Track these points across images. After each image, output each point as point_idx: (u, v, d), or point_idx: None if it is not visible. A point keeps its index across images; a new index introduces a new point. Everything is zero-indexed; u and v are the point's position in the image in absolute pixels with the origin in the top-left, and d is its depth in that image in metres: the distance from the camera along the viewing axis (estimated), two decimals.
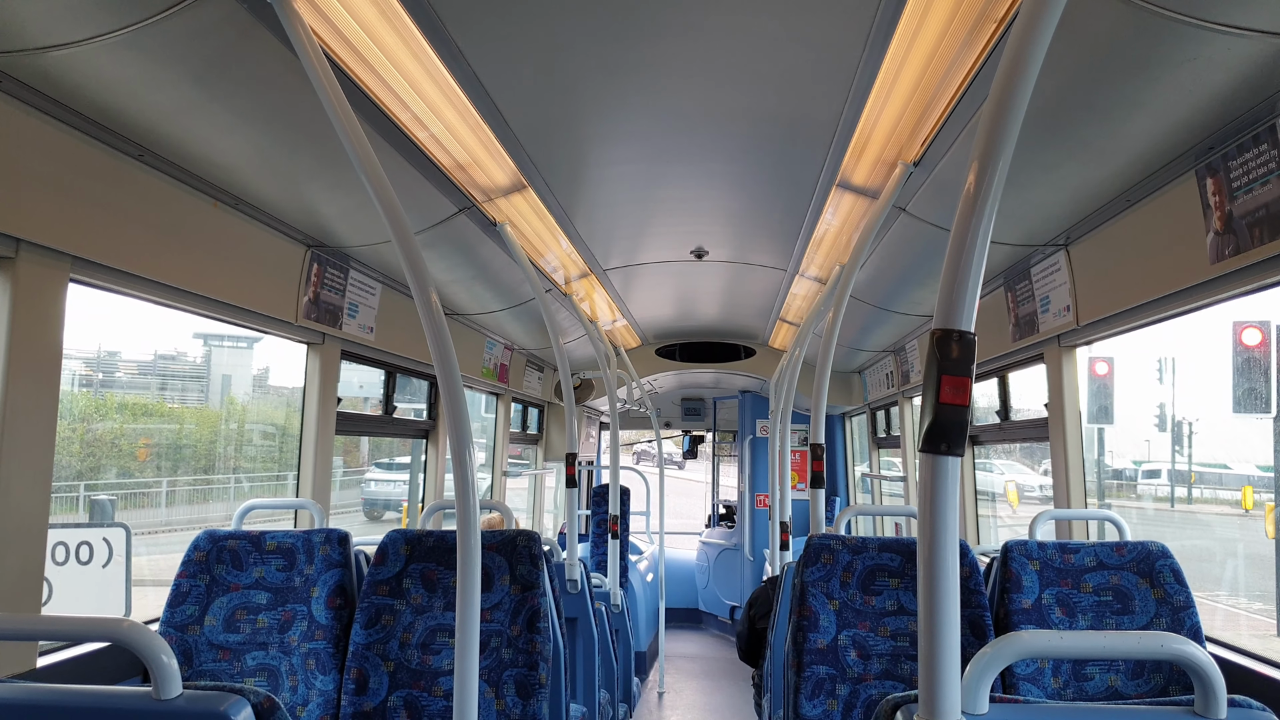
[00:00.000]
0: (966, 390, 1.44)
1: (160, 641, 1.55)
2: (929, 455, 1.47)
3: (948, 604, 1.46)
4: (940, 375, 1.44)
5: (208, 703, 1.52)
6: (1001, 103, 1.45)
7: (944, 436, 1.45)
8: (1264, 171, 2.38)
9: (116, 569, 3.22)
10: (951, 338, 1.45)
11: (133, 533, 3.29)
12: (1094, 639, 1.49)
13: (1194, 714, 1.44)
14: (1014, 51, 1.45)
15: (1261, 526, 13.38)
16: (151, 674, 1.53)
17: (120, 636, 1.56)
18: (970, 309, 1.46)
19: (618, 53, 2.63)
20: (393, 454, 13.87)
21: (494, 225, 4.08)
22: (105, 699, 1.54)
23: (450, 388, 2.23)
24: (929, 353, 1.46)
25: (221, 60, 2.31)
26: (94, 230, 2.60)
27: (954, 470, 1.47)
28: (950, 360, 1.44)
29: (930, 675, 1.44)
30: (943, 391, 1.44)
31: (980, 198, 1.46)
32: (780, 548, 5.60)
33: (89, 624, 1.68)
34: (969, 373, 1.44)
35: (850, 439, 10.03)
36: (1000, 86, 1.46)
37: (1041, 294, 3.97)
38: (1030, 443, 5.00)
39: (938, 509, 1.46)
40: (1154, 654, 1.44)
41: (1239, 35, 2.00)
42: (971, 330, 1.45)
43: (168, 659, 1.53)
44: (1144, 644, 1.45)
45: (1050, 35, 1.44)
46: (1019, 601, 3.12)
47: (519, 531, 3.27)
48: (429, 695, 3.09)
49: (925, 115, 2.93)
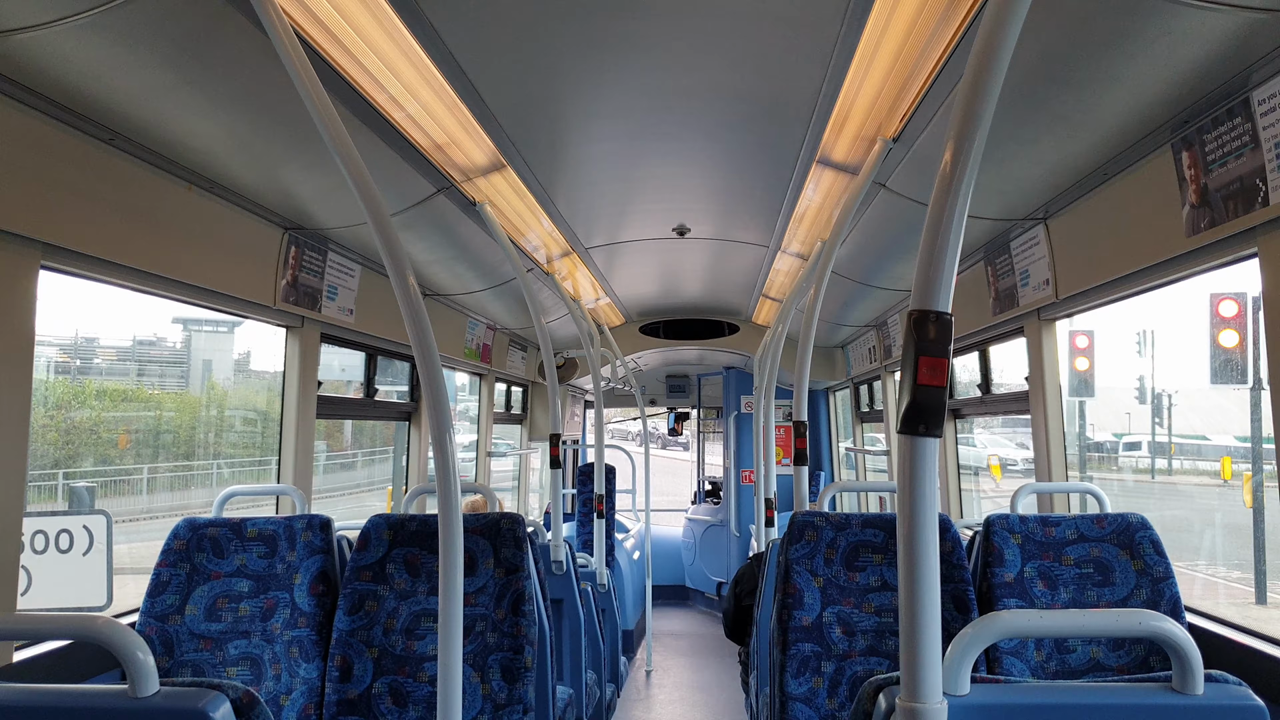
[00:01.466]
0: (944, 371, 1.44)
1: (136, 638, 1.53)
2: (907, 436, 1.47)
3: (928, 585, 1.46)
4: (918, 356, 1.44)
5: (185, 699, 1.51)
6: (978, 78, 1.45)
7: (922, 418, 1.45)
8: (1238, 145, 2.39)
9: (97, 557, 3.19)
10: (929, 319, 1.45)
11: (113, 520, 3.27)
12: (1073, 617, 1.50)
13: (1172, 690, 1.46)
14: (990, 25, 1.44)
15: (1239, 496, 13.53)
16: (127, 672, 1.51)
17: (96, 634, 1.54)
18: (947, 289, 1.45)
19: (596, 30, 2.61)
20: (375, 442, 13.76)
21: (474, 205, 4.05)
22: (80, 698, 1.52)
23: (429, 371, 2.22)
24: (905, 334, 1.46)
25: (192, 42, 2.27)
26: (65, 216, 2.56)
27: (933, 450, 1.47)
28: (927, 341, 1.44)
29: (911, 658, 1.45)
30: (920, 372, 1.44)
31: (957, 175, 1.45)
32: (765, 524, 5.62)
33: (63, 622, 1.66)
34: (946, 354, 1.44)
35: (834, 413, 10.07)
36: (976, 61, 1.45)
37: (1021, 268, 3.99)
38: (1012, 415, 5.03)
39: (917, 489, 1.47)
40: (1132, 631, 1.46)
41: (1212, 10, 2.00)
42: (948, 311, 1.45)
43: (144, 656, 1.52)
44: (1122, 622, 1.47)
45: (1026, 9, 1.43)
46: (1001, 575, 3.14)
47: (502, 514, 3.27)
48: (414, 681, 3.09)
49: (904, 91, 2.92)
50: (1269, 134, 2.28)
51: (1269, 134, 2.28)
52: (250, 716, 1.57)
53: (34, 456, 2.55)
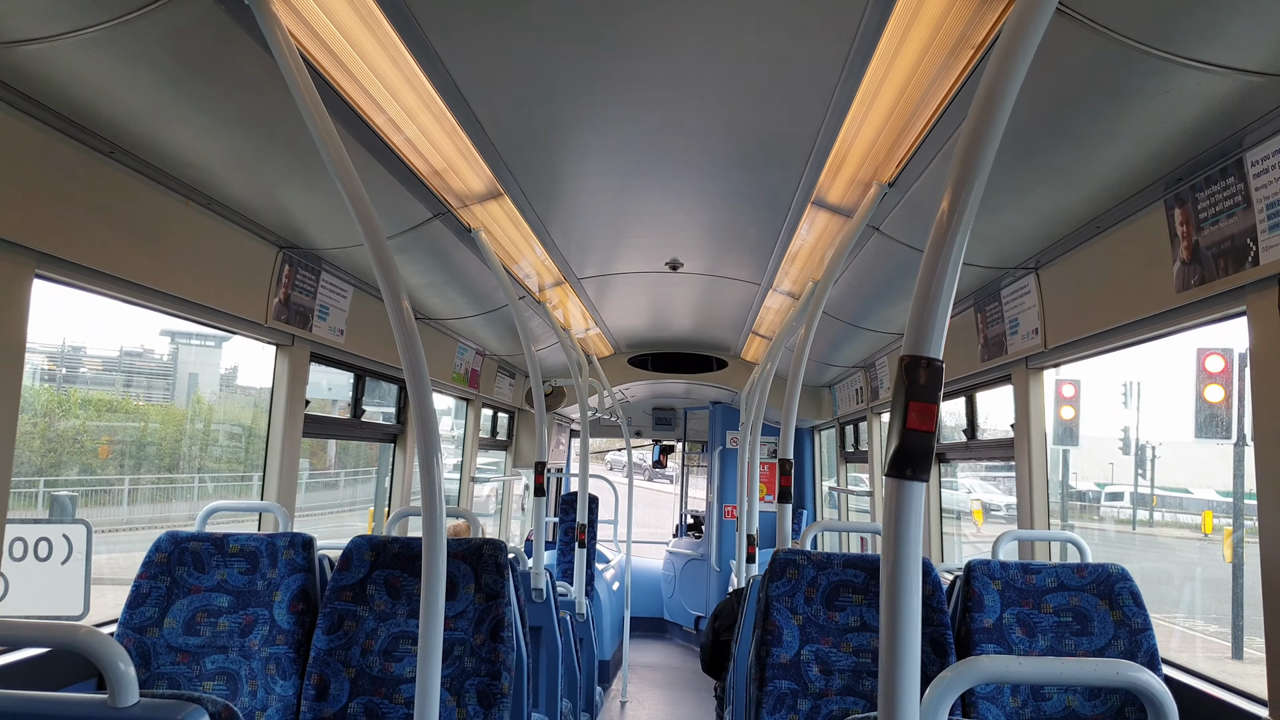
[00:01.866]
0: (933, 416, 1.45)
1: (117, 648, 1.52)
2: (894, 480, 1.47)
3: (908, 627, 1.46)
4: (908, 401, 1.44)
5: (165, 712, 1.49)
6: (978, 127, 1.46)
7: (909, 461, 1.45)
8: (1230, 204, 2.43)
9: (76, 566, 3.15)
10: (920, 364, 1.46)
11: (93, 530, 3.24)
12: (1052, 665, 1.50)
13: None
14: (992, 77, 1.46)
15: (1220, 551, 13.57)
16: (108, 682, 1.50)
17: (77, 643, 1.53)
18: (939, 336, 1.46)
19: (597, 64, 2.63)
20: (359, 462, 13.65)
21: (468, 231, 4.06)
22: (59, 706, 1.51)
23: (419, 394, 2.22)
24: (896, 379, 1.47)
25: (196, 60, 2.28)
26: (61, 226, 2.56)
27: (919, 494, 1.47)
28: (918, 386, 1.45)
29: (890, 698, 1.44)
30: (910, 417, 1.44)
31: (953, 223, 1.47)
32: (746, 560, 5.61)
33: (44, 629, 1.64)
34: (936, 399, 1.45)
35: (819, 453, 10.07)
36: (977, 111, 1.47)
37: (1011, 316, 4.01)
38: (995, 461, 5.04)
39: (901, 533, 1.47)
40: (1110, 681, 1.45)
41: (1209, 71, 2.03)
42: (939, 358, 1.46)
43: (125, 666, 1.50)
44: (1100, 671, 1.47)
45: (1028, 63, 1.45)
46: (980, 620, 3.14)
47: (485, 540, 3.26)
48: (390, 703, 3.06)
49: (901, 136, 2.95)
50: (1261, 195, 2.31)
51: (1261, 195, 2.31)
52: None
53: (16, 463, 2.53)
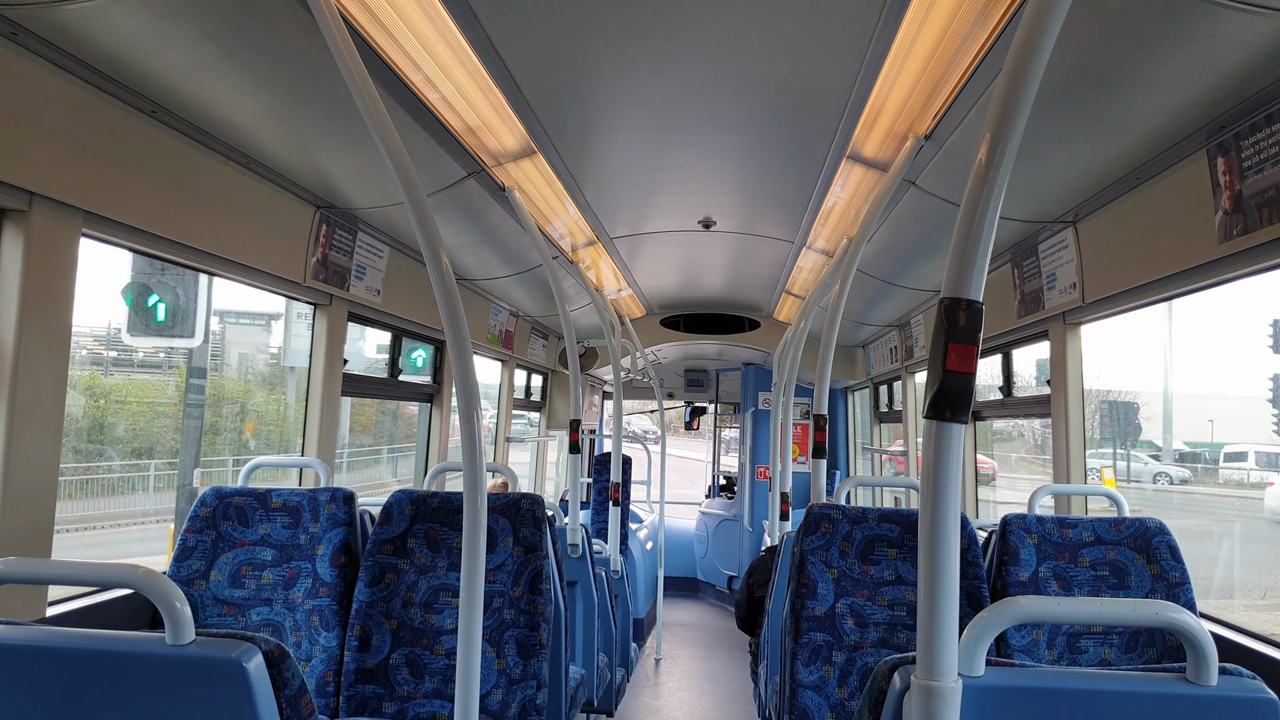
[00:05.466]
0: (973, 358, 1.45)
1: (174, 588, 1.58)
2: (934, 422, 1.48)
3: (948, 568, 1.48)
4: (948, 343, 1.45)
5: (220, 649, 1.55)
6: (1016, 76, 1.45)
7: (949, 403, 1.46)
8: (1275, 151, 2.38)
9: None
10: (959, 306, 1.46)
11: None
12: (1090, 605, 1.51)
13: (1186, 680, 1.47)
14: (1030, 25, 1.45)
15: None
16: (166, 620, 1.56)
17: (137, 582, 1.60)
18: (979, 278, 1.47)
19: (631, 19, 2.62)
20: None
21: (502, 190, 4.08)
22: (120, 643, 1.57)
23: (460, 349, 2.25)
24: (937, 320, 1.48)
25: (235, 17, 2.31)
26: (106, 185, 2.61)
27: (958, 437, 1.48)
28: (957, 328, 1.45)
29: (928, 637, 1.46)
30: (949, 359, 1.45)
31: (992, 170, 1.47)
32: (780, 518, 5.64)
33: (103, 569, 1.71)
34: (975, 341, 1.45)
35: (852, 413, 10.05)
36: (1015, 60, 1.46)
37: (1048, 271, 3.98)
38: (1033, 418, 5.01)
39: (940, 475, 1.48)
40: (1148, 621, 1.47)
41: (1256, 13, 1.99)
42: (979, 300, 1.47)
43: (181, 605, 1.57)
44: (1139, 611, 1.48)
45: (1066, 9, 1.44)
46: (1016, 574, 3.15)
47: (523, 494, 3.31)
48: (431, 654, 3.13)
49: (938, 88, 2.92)
50: None
51: None
52: (280, 669, 1.62)
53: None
